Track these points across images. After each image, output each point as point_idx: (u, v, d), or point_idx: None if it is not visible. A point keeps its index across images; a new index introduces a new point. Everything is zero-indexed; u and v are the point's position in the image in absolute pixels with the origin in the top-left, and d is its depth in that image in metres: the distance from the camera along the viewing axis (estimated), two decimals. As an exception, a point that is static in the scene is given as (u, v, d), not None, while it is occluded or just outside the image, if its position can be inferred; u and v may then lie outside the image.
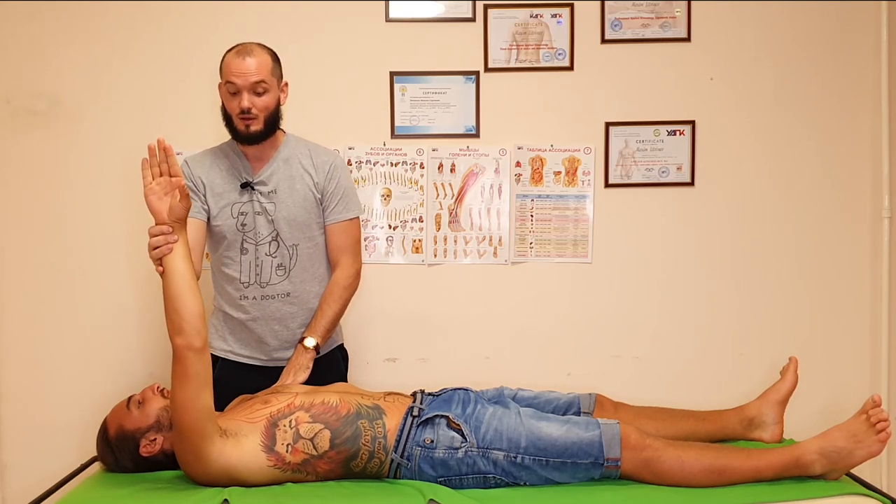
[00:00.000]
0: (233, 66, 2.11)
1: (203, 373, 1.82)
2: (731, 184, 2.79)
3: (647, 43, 2.75)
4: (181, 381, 1.80)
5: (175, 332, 1.80)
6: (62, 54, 2.67)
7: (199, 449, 1.82)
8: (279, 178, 2.22)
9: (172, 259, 1.82)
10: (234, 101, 2.12)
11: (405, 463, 1.91)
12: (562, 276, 2.79)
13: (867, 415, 1.92)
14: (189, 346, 1.80)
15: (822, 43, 2.76)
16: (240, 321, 2.26)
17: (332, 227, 2.28)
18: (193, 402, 1.80)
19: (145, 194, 1.83)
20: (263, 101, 2.13)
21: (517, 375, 2.50)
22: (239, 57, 2.11)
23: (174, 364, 1.82)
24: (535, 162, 2.77)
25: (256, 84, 2.10)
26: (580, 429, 1.93)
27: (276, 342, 2.27)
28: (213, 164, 2.25)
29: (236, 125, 2.15)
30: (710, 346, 2.80)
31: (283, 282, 2.24)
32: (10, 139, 2.67)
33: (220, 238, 2.23)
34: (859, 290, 2.80)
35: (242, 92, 2.10)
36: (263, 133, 2.16)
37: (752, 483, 1.90)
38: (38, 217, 2.69)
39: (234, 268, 2.23)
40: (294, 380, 2.18)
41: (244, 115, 2.12)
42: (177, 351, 1.80)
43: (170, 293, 1.81)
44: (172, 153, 1.84)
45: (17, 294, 2.69)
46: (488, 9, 2.73)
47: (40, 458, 2.67)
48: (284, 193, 2.22)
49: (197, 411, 1.81)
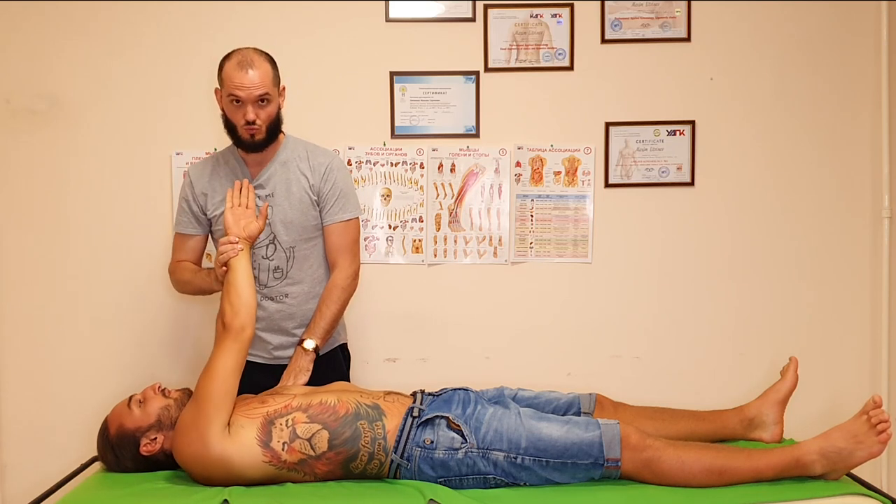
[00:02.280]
0: (236, 79, 2.10)
1: (243, 356, 1.97)
2: (731, 184, 2.79)
3: (647, 43, 2.75)
4: (227, 353, 1.94)
5: (234, 314, 1.98)
6: (62, 54, 2.67)
7: (208, 424, 1.84)
8: (276, 182, 2.23)
9: (238, 260, 2.05)
10: (238, 112, 2.13)
11: (405, 463, 1.91)
12: (562, 276, 2.79)
13: (868, 415, 1.92)
14: (243, 327, 1.97)
15: (822, 43, 2.76)
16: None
17: (330, 227, 2.27)
18: (230, 375, 1.91)
19: (225, 213, 2.13)
20: (267, 111, 2.14)
21: (517, 375, 2.49)
22: (242, 70, 2.09)
23: (223, 339, 1.96)
24: (535, 162, 2.77)
25: (260, 96, 2.12)
26: (580, 429, 1.93)
27: (276, 342, 2.28)
28: (213, 171, 2.28)
29: (241, 135, 2.16)
30: (709, 346, 2.80)
31: (281, 284, 2.25)
32: (10, 139, 2.67)
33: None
34: (859, 290, 2.80)
35: (247, 105, 2.11)
36: (267, 141, 2.18)
37: (753, 483, 1.89)
38: (38, 217, 2.69)
39: None
40: (294, 382, 2.18)
41: (249, 126, 2.13)
42: (231, 328, 1.96)
43: (234, 282, 2.02)
44: (252, 190, 2.18)
45: (17, 294, 2.69)
46: (488, 9, 2.73)
47: (40, 458, 2.67)
48: (281, 196, 2.22)
49: (229, 384, 1.90)
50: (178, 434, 1.90)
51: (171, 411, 1.99)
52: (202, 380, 1.91)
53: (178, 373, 2.68)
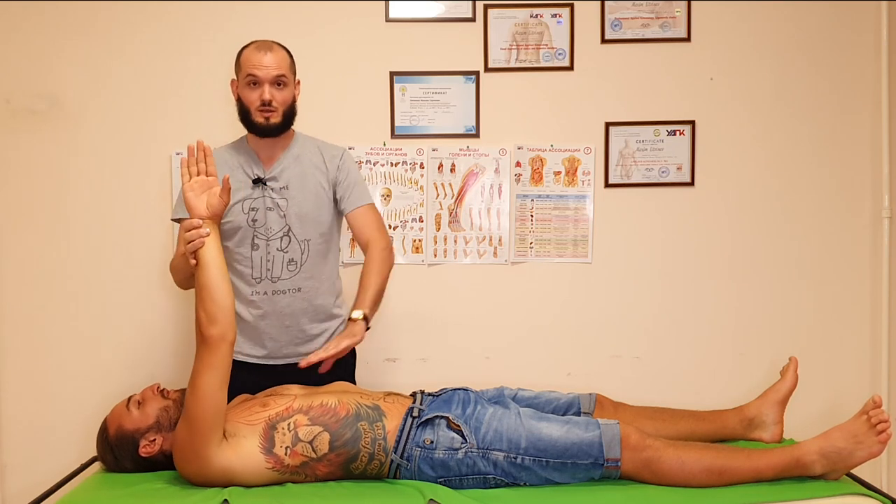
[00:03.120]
0: (254, 59, 2.16)
1: (228, 367, 1.86)
2: (731, 184, 2.79)
3: (647, 43, 2.75)
4: (208, 370, 1.83)
5: (210, 322, 1.84)
6: (62, 54, 2.67)
7: (204, 443, 1.82)
8: (291, 175, 2.25)
9: (207, 251, 1.87)
10: (255, 93, 2.17)
11: (405, 464, 1.91)
12: (562, 276, 2.79)
13: (868, 415, 1.92)
14: (223, 336, 1.84)
15: (822, 43, 2.76)
16: (249, 320, 2.26)
17: (355, 213, 2.28)
18: (216, 393, 1.83)
19: (183, 191, 1.91)
20: (283, 94, 2.19)
21: (517, 375, 2.50)
22: (260, 52, 2.16)
23: (203, 354, 1.84)
24: (535, 162, 2.77)
25: (278, 77, 2.16)
26: (580, 429, 1.93)
27: (285, 338, 2.27)
28: (224, 161, 2.27)
29: (255, 118, 2.19)
30: (710, 346, 2.80)
31: (294, 277, 2.24)
32: (10, 139, 2.67)
33: (231, 234, 2.24)
34: (859, 290, 2.80)
35: (264, 84, 2.15)
36: (281, 126, 2.21)
37: (753, 483, 1.90)
38: (38, 217, 2.69)
39: (246, 263, 2.24)
40: (337, 345, 2.07)
41: (264, 108, 2.16)
42: (209, 341, 1.83)
43: (205, 283, 1.86)
44: (210, 153, 1.95)
45: (17, 294, 2.69)
46: (488, 9, 2.73)
47: (40, 458, 2.67)
48: (296, 189, 2.24)
49: (217, 402, 1.83)
50: (177, 451, 1.89)
51: (170, 412, 1.99)
52: (189, 400, 1.85)
53: (178, 373, 2.68)
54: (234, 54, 2.20)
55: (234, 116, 2.23)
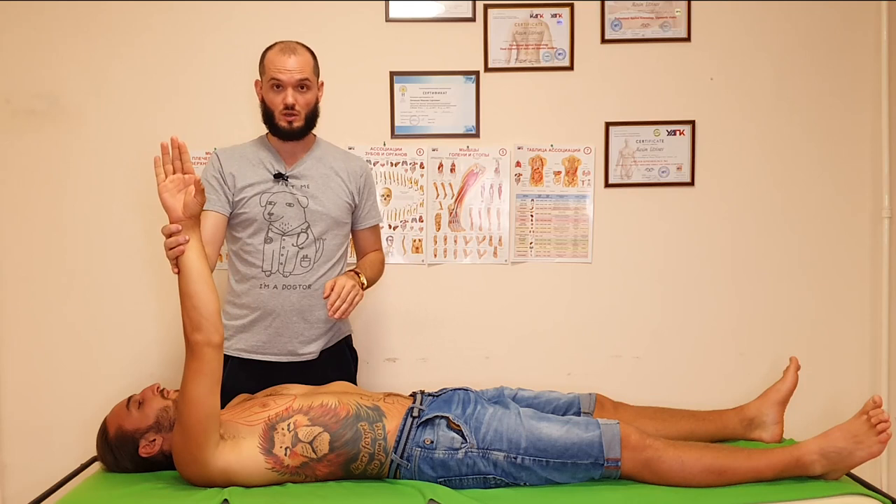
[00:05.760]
0: (278, 63, 2.17)
1: (217, 370, 1.84)
2: (731, 184, 2.79)
3: (647, 43, 2.75)
4: (196, 377, 1.81)
5: (193, 329, 1.80)
6: (62, 54, 2.67)
7: (200, 448, 1.82)
8: (313, 175, 2.27)
9: (187, 258, 1.82)
10: (279, 97, 2.19)
11: (405, 464, 1.91)
12: (562, 276, 2.79)
13: (868, 415, 1.92)
14: (208, 342, 1.81)
15: (822, 43, 2.76)
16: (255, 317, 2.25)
17: (362, 232, 2.39)
18: (205, 399, 1.81)
19: (159, 192, 1.83)
20: (306, 98, 2.21)
21: (517, 375, 2.50)
22: (284, 55, 2.18)
23: (190, 360, 1.82)
24: (535, 162, 2.77)
25: (301, 81, 2.18)
26: (580, 429, 1.93)
27: (290, 334, 2.26)
28: (243, 155, 2.28)
29: (278, 121, 2.21)
30: (710, 346, 2.80)
31: (307, 273, 2.25)
32: (10, 139, 2.67)
33: (245, 226, 2.24)
34: (859, 290, 2.80)
35: (287, 88, 2.17)
36: (304, 129, 2.23)
37: (753, 483, 1.90)
38: (38, 217, 2.69)
39: (257, 256, 2.24)
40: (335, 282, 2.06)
41: (288, 112, 2.18)
42: (194, 347, 1.81)
43: (187, 291, 1.81)
44: (186, 150, 1.87)
45: (17, 294, 2.69)
46: (488, 9, 2.73)
47: (40, 458, 2.67)
48: (318, 189, 2.26)
49: (207, 408, 1.81)
50: (175, 455, 1.89)
51: (170, 413, 1.99)
52: (181, 406, 1.83)
53: (178, 373, 2.65)
54: (235, 54, 2.20)
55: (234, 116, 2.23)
